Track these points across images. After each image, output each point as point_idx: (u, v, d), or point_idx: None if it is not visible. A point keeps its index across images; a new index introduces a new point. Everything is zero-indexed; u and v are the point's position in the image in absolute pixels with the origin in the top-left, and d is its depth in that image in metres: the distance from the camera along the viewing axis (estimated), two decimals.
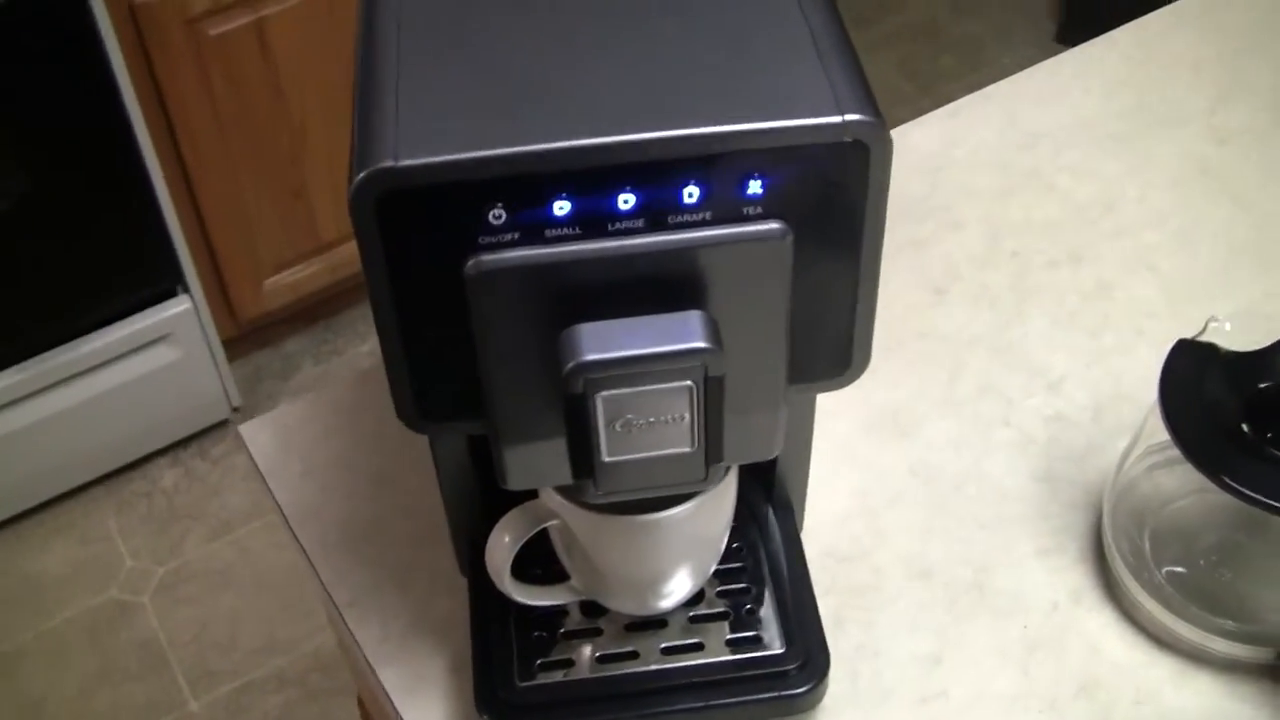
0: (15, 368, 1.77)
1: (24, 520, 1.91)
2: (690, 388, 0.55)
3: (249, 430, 0.92)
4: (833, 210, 0.56)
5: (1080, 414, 0.89)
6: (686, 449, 0.57)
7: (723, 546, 0.73)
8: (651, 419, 0.56)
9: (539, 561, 0.73)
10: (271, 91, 1.80)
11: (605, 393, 0.55)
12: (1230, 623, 0.77)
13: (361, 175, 0.52)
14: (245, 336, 2.03)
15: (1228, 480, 0.70)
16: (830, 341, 0.60)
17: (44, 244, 1.71)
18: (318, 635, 1.77)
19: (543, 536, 0.70)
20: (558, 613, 0.75)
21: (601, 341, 0.54)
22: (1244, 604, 0.78)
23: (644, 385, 0.55)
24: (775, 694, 0.72)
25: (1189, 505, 0.82)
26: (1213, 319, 0.77)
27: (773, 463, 0.77)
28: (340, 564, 0.83)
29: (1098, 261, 0.99)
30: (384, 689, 0.78)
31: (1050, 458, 0.87)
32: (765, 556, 0.77)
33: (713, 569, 0.74)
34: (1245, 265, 0.98)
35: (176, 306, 1.84)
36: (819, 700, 0.74)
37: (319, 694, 1.74)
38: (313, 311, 2.11)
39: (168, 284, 1.83)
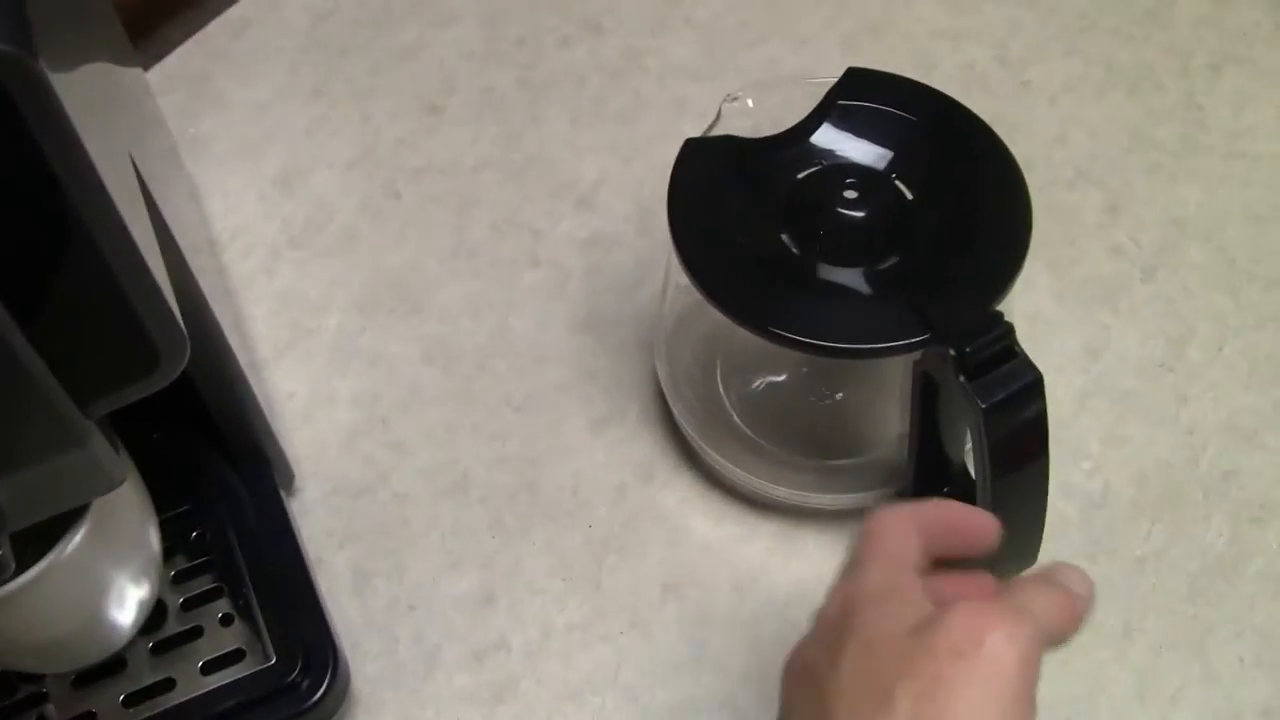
0: None
1: None
2: None
3: None
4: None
5: (622, 228, 0.73)
6: None
7: (141, 556, 0.55)
8: None
9: None
10: None
11: None
12: (840, 460, 0.64)
13: None
14: None
15: (764, 325, 0.55)
16: (114, 340, 0.41)
17: None
18: None
19: None
20: None
21: None
22: (846, 443, 0.65)
23: None
24: (282, 717, 0.56)
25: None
26: (729, 97, 0.61)
27: (206, 413, 0.58)
28: None
29: (619, 28, 0.81)
30: None
31: (591, 294, 0.71)
32: (236, 538, 0.60)
33: (142, 592, 0.56)
34: None
35: None
36: (340, 700, 0.58)
37: None
38: None
39: None
